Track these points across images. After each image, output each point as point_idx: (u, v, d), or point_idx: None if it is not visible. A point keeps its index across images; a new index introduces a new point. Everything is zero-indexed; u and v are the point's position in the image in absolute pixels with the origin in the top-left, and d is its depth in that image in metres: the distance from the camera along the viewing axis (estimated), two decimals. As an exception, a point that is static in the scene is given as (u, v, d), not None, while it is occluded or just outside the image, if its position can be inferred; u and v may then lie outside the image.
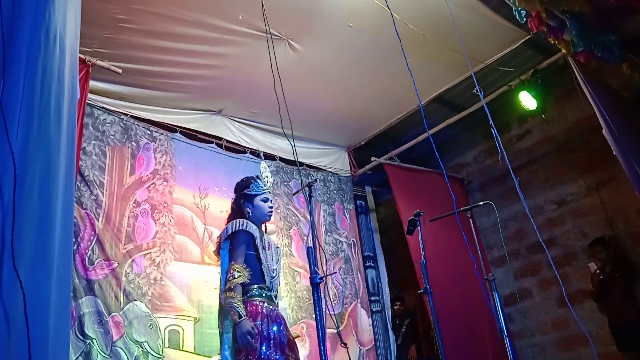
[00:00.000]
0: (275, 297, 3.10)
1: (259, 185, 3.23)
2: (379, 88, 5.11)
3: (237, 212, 3.23)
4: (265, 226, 3.31)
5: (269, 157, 5.59)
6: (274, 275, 3.11)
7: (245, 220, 3.10)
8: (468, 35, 4.05)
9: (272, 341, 2.84)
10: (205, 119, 5.12)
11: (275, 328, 2.90)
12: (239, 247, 2.99)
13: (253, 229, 3.06)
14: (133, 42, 3.99)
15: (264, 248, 3.07)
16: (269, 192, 3.28)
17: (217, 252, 3.14)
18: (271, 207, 3.26)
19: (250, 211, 3.17)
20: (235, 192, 3.32)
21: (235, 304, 2.77)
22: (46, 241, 1.41)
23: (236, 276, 2.86)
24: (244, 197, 3.22)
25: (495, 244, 6.06)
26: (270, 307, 2.97)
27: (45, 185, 1.43)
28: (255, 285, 2.96)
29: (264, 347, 2.79)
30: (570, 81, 4.43)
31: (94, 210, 4.06)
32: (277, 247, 3.30)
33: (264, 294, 2.98)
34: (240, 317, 2.74)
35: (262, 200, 3.21)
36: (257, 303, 2.93)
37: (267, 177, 3.27)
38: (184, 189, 4.75)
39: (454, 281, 5.23)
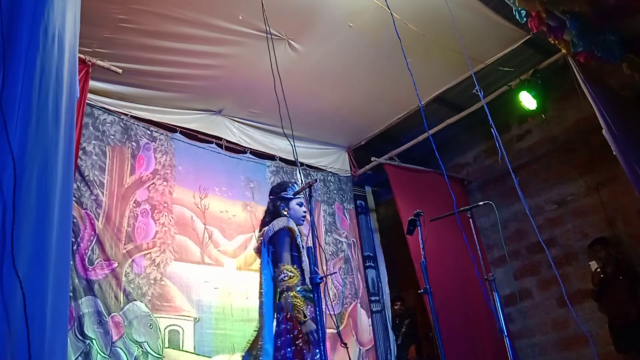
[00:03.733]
0: None
1: (295, 190, 3.37)
2: (379, 88, 5.11)
3: (273, 213, 3.34)
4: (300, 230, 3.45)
5: (268, 157, 5.59)
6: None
7: (288, 217, 3.23)
8: (468, 35, 4.05)
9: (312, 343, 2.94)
10: (205, 119, 5.12)
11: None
12: (285, 246, 3.11)
13: (295, 226, 3.20)
14: (133, 42, 3.99)
15: (302, 247, 3.19)
16: (303, 197, 3.38)
17: (258, 250, 3.25)
18: (305, 212, 3.38)
19: (287, 214, 3.30)
20: (271, 195, 3.46)
21: (299, 304, 2.90)
22: (43, 240, 1.41)
23: (291, 276, 2.98)
24: (281, 200, 3.35)
25: (495, 244, 6.05)
26: (313, 309, 3.04)
27: (43, 184, 1.43)
28: (299, 287, 3.04)
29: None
30: (570, 81, 4.43)
31: (94, 210, 4.06)
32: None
33: (307, 296, 3.04)
34: (305, 316, 2.87)
35: (297, 204, 3.35)
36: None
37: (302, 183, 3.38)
38: (184, 189, 4.75)
39: (454, 281, 5.23)
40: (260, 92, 4.62)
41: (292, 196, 3.34)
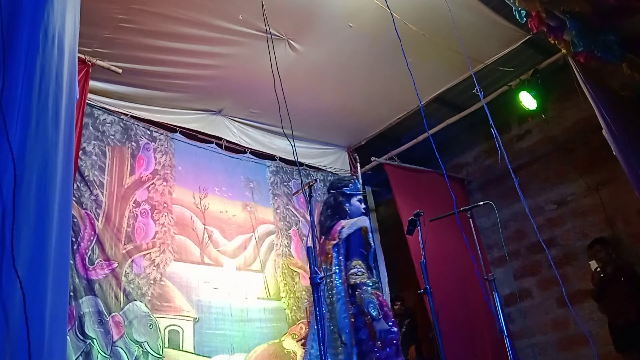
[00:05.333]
0: None
1: (357, 186, 3.50)
2: (379, 88, 5.11)
3: (335, 207, 3.44)
4: None
5: (268, 157, 5.59)
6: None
7: (366, 217, 3.37)
8: (468, 35, 4.05)
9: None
10: (205, 119, 5.12)
11: None
12: (358, 243, 3.23)
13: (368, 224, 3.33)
14: (133, 42, 3.99)
15: (371, 245, 3.33)
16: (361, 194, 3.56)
17: (332, 246, 3.31)
18: (365, 208, 3.53)
19: (348, 209, 3.39)
20: (332, 189, 3.56)
21: (375, 300, 3.04)
22: (43, 241, 1.41)
23: (363, 272, 3.12)
24: (342, 195, 3.45)
25: (495, 244, 6.05)
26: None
27: (43, 185, 1.43)
28: (372, 280, 3.19)
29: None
30: (570, 81, 4.43)
31: (94, 210, 4.06)
32: None
33: (378, 287, 3.26)
34: (379, 314, 2.99)
35: (357, 201, 3.47)
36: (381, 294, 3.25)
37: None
38: (184, 189, 4.75)
39: (454, 281, 5.23)
40: (260, 92, 4.62)
41: (353, 192, 3.45)
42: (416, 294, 4.66)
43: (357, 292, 3.06)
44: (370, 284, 3.15)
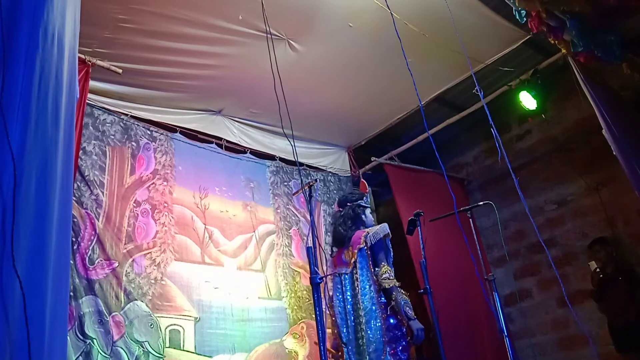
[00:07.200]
0: None
1: (368, 199, 3.91)
2: (379, 88, 5.11)
3: (354, 218, 3.79)
4: None
5: (268, 157, 5.59)
6: None
7: (386, 224, 3.69)
8: (468, 35, 4.05)
9: None
10: (205, 119, 5.12)
11: None
12: (384, 249, 3.57)
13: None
14: (133, 42, 3.99)
15: (390, 249, 3.67)
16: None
17: (356, 252, 3.57)
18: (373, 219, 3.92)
19: (364, 220, 3.78)
20: (348, 202, 3.88)
21: (410, 302, 3.35)
22: (42, 241, 1.41)
23: (393, 277, 3.49)
24: (358, 207, 3.82)
25: (495, 244, 6.05)
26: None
27: (42, 185, 1.43)
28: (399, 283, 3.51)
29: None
30: (570, 81, 4.43)
31: (94, 210, 4.06)
32: None
33: None
34: (414, 314, 3.31)
35: (370, 213, 3.90)
36: None
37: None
38: (184, 189, 4.76)
39: (454, 281, 5.23)
40: (260, 92, 4.62)
41: (367, 205, 3.86)
42: (416, 294, 4.66)
43: (392, 295, 3.36)
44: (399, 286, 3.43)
